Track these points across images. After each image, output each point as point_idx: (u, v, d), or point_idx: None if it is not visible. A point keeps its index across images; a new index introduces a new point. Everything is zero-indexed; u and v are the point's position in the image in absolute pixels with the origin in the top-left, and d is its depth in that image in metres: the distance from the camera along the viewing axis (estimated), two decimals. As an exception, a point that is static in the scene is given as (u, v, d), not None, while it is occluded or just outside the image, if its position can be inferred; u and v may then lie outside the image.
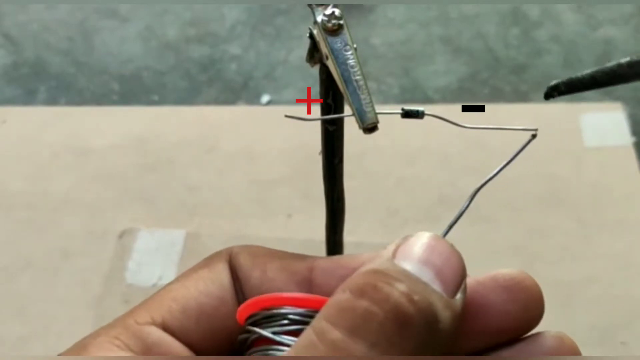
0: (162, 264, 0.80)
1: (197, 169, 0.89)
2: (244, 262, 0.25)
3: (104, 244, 0.82)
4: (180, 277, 0.24)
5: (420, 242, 0.22)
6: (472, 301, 0.23)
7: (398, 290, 0.20)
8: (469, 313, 0.23)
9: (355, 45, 0.29)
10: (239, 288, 0.24)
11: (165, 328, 0.23)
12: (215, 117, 0.95)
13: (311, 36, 0.31)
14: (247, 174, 0.88)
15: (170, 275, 0.78)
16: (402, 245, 0.23)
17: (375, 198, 0.84)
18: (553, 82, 0.28)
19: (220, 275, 0.24)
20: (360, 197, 0.83)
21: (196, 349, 0.23)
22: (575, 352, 0.23)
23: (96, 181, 0.88)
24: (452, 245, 0.23)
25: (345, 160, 0.41)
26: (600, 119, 0.91)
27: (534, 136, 0.27)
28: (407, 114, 0.30)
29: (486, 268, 0.25)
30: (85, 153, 0.91)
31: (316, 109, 0.38)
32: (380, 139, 0.46)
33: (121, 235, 0.82)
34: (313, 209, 0.81)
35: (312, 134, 0.41)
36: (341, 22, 0.29)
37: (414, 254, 0.22)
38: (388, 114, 0.29)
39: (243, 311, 0.23)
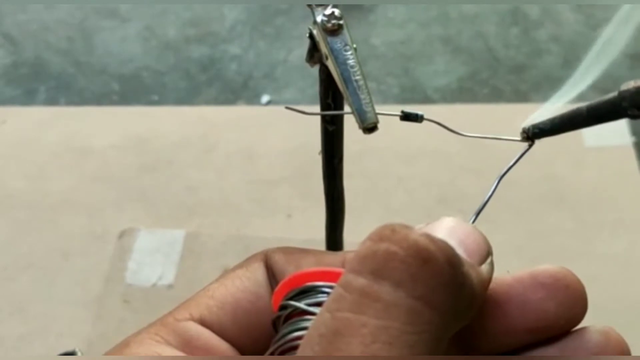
0: (162, 264, 0.80)
1: (197, 169, 0.89)
2: (279, 259, 0.25)
3: (103, 244, 0.82)
4: (219, 278, 0.25)
5: (443, 223, 0.23)
6: (509, 299, 0.23)
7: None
8: (506, 311, 0.23)
9: (355, 45, 0.29)
10: (275, 284, 0.25)
11: (203, 323, 0.24)
12: (215, 117, 0.95)
13: (311, 36, 0.31)
14: (247, 174, 0.88)
15: (170, 275, 0.78)
16: (424, 228, 0.23)
17: (375, 198, 0.84)
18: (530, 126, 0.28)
19: (256, 273, 0.25)
20: (360, 197, 0.83)
21: (234, 343, 0.24)
22: (623, 348, 0.22)
23: (96, 181, 0.88)
24: (475, 227, 0.23)
25: (345, 160, 0.41)
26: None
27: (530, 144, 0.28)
28: (406, 117, 0.30)
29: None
30: (85, 153, 0.91)
31: (316, 108, 0.37)
32: (380, 139, 0.46)
33: (121, 235, 0.82)
34: (313, 209, 0.81)
35: (312, 134, 0.41)
36: (341, 22, 0.29)
37: (437, 232, 0.22)
38: (388, 115, 0.29)
39: (278, 293, 0.23)
